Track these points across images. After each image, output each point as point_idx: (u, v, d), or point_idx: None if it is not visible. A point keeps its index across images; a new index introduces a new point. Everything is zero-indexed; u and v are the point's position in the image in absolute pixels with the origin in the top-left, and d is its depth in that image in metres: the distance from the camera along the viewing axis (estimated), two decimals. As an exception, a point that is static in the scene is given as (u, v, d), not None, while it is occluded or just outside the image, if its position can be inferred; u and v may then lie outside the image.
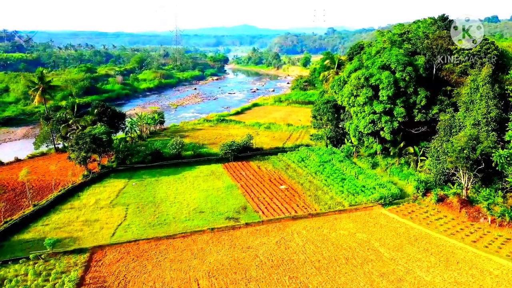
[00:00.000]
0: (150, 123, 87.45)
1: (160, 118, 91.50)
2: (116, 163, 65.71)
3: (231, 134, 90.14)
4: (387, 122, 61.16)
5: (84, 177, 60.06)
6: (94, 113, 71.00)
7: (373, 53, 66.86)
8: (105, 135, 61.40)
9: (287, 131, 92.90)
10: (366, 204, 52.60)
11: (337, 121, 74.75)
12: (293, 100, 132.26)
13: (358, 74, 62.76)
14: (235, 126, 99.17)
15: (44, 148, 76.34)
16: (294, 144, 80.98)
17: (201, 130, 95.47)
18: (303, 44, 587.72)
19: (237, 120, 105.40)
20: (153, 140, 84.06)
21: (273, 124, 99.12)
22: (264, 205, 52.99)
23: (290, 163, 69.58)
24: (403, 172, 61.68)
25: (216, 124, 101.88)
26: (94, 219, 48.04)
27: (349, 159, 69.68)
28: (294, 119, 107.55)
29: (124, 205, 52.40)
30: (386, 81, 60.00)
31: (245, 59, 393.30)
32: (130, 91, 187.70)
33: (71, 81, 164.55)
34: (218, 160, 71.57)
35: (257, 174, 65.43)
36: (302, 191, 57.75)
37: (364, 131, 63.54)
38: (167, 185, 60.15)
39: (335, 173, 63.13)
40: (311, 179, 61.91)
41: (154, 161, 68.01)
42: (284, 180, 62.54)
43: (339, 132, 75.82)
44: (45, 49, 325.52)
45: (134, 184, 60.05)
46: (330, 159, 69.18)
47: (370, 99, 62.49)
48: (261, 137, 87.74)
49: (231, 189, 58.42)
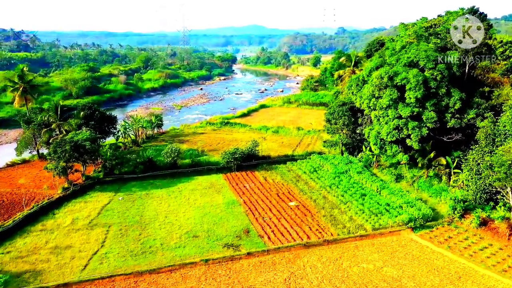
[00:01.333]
0: (147, 126, 79.54)
1: (158, 121, 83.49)
2: (103, 174, 57.82)
3: (235, 139, 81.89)
4: (414, 128, 52.33)
5: (63, 190, 52.25)
6: (80, 116, 63.23)
7: (397, 49, 58.06)
8: (88, 142, 53.48)
9: (297, 136, 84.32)
10: (392, 228, 43.88)
11: (354, 126, 66.02)
12: (303, 101, 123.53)
13: (381, 72, 54.06)
14: (240, 130, 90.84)
15: (27, 155, 68.81)
16: (305, 151, 72.36)
17: (203, 134, 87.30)
18: (313, 44, 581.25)
19: (242, 123, 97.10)
20: (149, 146, 76.13)
21: (282, 128, 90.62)
22: (270, 227, 44.58)
23: (301, 174, 61.07)
24: (434, 187, 52.77)
25: (219, 127, 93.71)
26: (66, 245, 40.06)
27: (369, 170, 60.94)
28: (305, 122, 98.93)
29: (105, 226, 44.36)
30: (414, 81, 51.22)
31: (254, 59, 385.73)
32: (134, 91, 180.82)
33: (71, 81, 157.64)
34: (219, 170, 63.31)
35: (263, 187, 57.03)
36: (315, 210, 49.19)
37: (387, 139, 54.75)
38: (159, 200, 52.02)
39: (353, 187, 54.47)
40: (325, 194, 53.34)
41: (146, 170, 59.99)
42: (294, 195, 54.05)
43: (356, 139, 67.06)
44: (51, 49, 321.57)
45: (120, 199, 52.05)
46: (347, 169, 60.49)
47: (395, 102, 53.74)
48: (269, 142, 79.32)
49: (232, 206, 50.08)
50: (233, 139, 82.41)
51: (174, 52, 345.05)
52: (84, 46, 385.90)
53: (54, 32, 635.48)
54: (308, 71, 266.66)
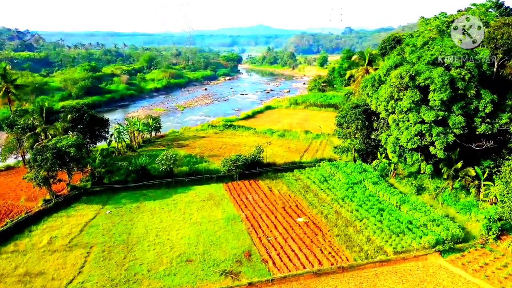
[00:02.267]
0: (143, 130, 73.96)
1: (156, 124, 77.89)
2: (91, 183, 52.32)
3: (238, 143, 76.11)
4: (439, 134, 46.14)
5: (44, 202, 46.77)
6: (67, 119, 57.80)
7: (418, 45, 51.95)
8: (73, 149, 48.00)
9: (304, 140, 78.31)
10: (417, 251, 37.81)
11: (368, 130, 59.96)
12: (311, 102, 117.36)
13: (401, 71, 47.93)
14: (244, 134, 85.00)
15: (12, 161, 63.61)
16: (313, 157, 66.39)
17: (204, 138, 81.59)
18: (319, 44, 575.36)
19: (246, 126, 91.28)
20: (145, 151, 70.57)
21: (288, 131, 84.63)
22: (275, 249, 38.70)
23: (310, 184, 55.09)
24: (461, 202, 46.53)
25: (222, 130, 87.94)
26: (38, 271, 34.49)
27: (385, 180, 54.82)
28: (313, 125, 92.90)
29: (86, 247, 38.75)
30: (439, 81, 45.07)
31: (260, 58, 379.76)
32: (136, 92, 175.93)
33: (71, 81, 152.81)
34: (219, 179, 57.53)
35: (267, 199, 51.13)
36: (327, 227, 43.21)
37: (407, 146, 48.57)
38: (150, 214, 46.32)
39: (368, 200, 48.40)
40: (337, 208, 47.33)
41: (139, 179, 54.43)
42: (302, 209, 48.10)
43: (371, 144, 60.93)
44: (55, 48, 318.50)
45: (108, 213, 46.46)
46: (361, 179, 54.41)
47: (417, 104, 47.59)
48: (274, 147, 73.44)
49: (233, 222, 44.26)
50: (236, 143, 76.64)
51: (179, 52, 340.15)
52: (89, 45, 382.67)
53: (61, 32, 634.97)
54: (315, 71, 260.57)
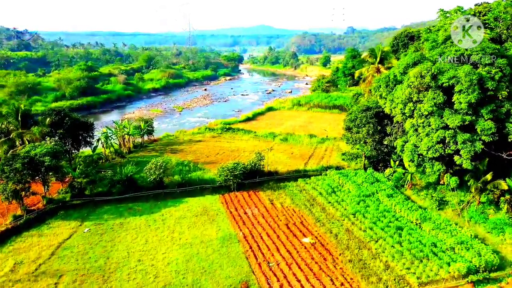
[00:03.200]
0: (134, 133, 68.13)
1: (148, 127, 72.07)
2: (70, 195, 46.52)
3: (237, 149, 70.26)
4: (465, 142, 40.26)
5: (14, 219, 41.00)
6: (45, 123, 52.09)
7: (440, 40, 46.07)
8: (48, 157, 42.25)
9: (309, 145, 72.38)
10: (447, 282, 31.90)
11: (380, 135, 54.09)
12: (314, 104, 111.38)
13: (421, 70, 42.03)
14: (244, 137, 79.10)
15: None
16: (319, 165, 60.49)
17: (201, 142, 75.72)
18: (321, 43, 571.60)
19: (246, 129, 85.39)
20: (136, 157, 64.79)
21: (292, 135, 78.70)
22: (278, 279, 32.80)
23: (316, 196, 49.17)
24: (491, 220, 40.56)
25: (220, 134, 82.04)
26: (-8, 310, 28.82)
27: (401, 192, 48.86)
28: (317, 128, 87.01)
29: (54, 276, 32.93)
30: (466, 80, 39.20)
31: (261, 58, 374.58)
32: (133, 92, 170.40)
33: (65, 81, 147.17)
34: (215, 190, 51.67)
35: (268, 213, 45.26)
36: (337, 250, 37.33)
37: (428, 154, 42.69)
38: (134, 233, 40.51)
39: (384, 216, 42.47)
40: (349, 225, 41.41)
41: (125, 191, 48.62)
42: (308, 227, 42.21)
43: (383, 151, 55.02)
44: (53, 48, 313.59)
45: (86, 231, 40.68)
46: (374, 191, 48.46)
47: (440, 107, 41.73)
48: (276, 152, 67.57)
49: (229, 243, 38.41)
50: (235, 148, 70.79)
51: (180, 51, 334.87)
52: (88, 45, 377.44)
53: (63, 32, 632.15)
54: (317, 71, 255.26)
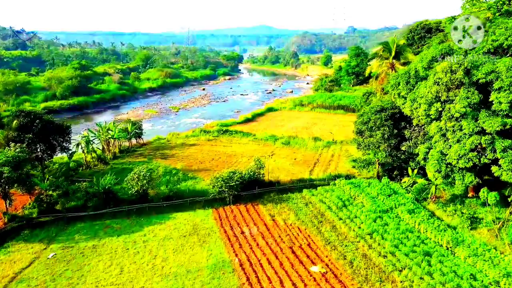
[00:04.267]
0: (120, 137, 61.31)
1: (136, 130, 65.26)
2: (38, 211, 39.77)
3: (235, 153, 63.52)
4: (506, 150, 33.50)
5: (-36, 242, 34.30)
6: (12, 125, 45.33)
7: (471, 29, 39.31)
8: (7, 167, 35.53)
9: (313, 150, 65.59)
10: (496, 332, 25.14)
11: (396, 140, 47.37)
12: (318, 104, 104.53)
13: (451, 63, 35.25)
14: (242, 141, 72.27)
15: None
16: (326, 172, 53.72)
17: (195, 146, 68.93)
18: (322, 43, 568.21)
19: (245, 131, 78.61)
20: (121, 164, 58.01)
21: (294, 138, 71.84)
22: (281, 324, 26.05)
23: (324, 210, 42.41)
24: (538, 243, 33.81)
25: (216, 137, 75.21)
26: None
27: (423, 206, 42.07)
28: (322, 130, 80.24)
29: (0, 321, 26.28)
30: (507, 76, 32.43)
31: (261, 58, 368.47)
32: (128, 92, 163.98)
33: (56, 80, 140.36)
34: (208, 203, 44.85)
35: (269, 233, 38.46)
36: (353, 283, 30.48)
37: (459, 164, 35.93)
38: (109, 259, 33.71)
39: (407, 237, 35.68)
40: (365, 249, 34.62)
41: (103, 205, 41.84)
42: (317, 250, 35.41)
43: (399, 158, 48.27)
44: (49, 47, 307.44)
45: (51, 257, 33.89)
46: (392, 205, 41.66)
47: (475, 108, 34.96)
48: (278, 158, 60.84)
49: (221, 275, 31.57)
50: (232, 153, 64.02)
51: (179, 51, 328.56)
52: (85, 44, 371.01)
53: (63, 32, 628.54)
54: (319, 70, 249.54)
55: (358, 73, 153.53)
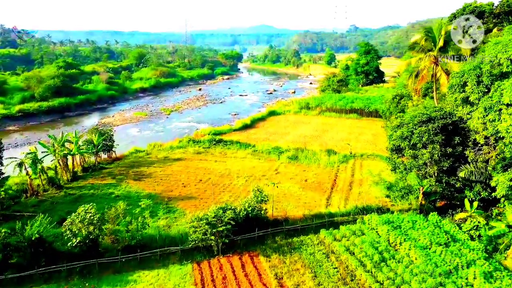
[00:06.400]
0: (82, 152, 47.87)
1: (104, 142, 51.86)
2: None
3: (229, 172, 50.15)
4: None
5: None
6: None
7: None
8: None
9: (328, 167, 52.18)
10: None
11: (450, 160, 34.11)
12: (327, 107, 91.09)
13: None
14: (239, 154, 58.75)
15: None
16: (348, 201, 40.22)
17: (180, 161, 55.44)
18: (323, 42, 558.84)
19: (242, 141, 65.17)
20: (79, 188, 44.56)
21: (303, 150, 58.45)
22: None
23: (355, 268, 29.09)
24: None
25: (207, 148, 61.72)
26: None
27: (500, 263, 28.76)
28: (335, 139, 66.95)
29: None
30: None
31: (261, 57, 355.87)
32: (117, 92, 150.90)
33: (36, 80, 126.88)
34: (187, 254, 31.45)
35: (276, 311, 25.17)
36: None
37: None
38: None
39: (494, 328, 22.47)
40: None
41: (31, 263, 28.53)
42: None
43: (452, 185, 35.01)
44: (40, 44, 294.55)
45: None
46: (456, 265, 28.30)
47: None
48: (283, 178, 47.49)
49: None
50: (225, 171, 50.62)
51: (176, 49, 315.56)
52: (78, 42, 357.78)
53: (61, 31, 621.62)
54: (321, 69, 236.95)
55: (368, 72, 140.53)
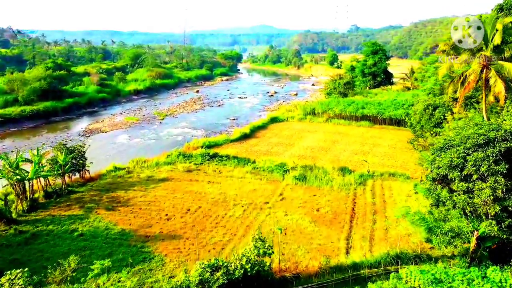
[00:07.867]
0: (40, 176, 38.72)
1: (74, 161, 42.82)
2: None
3: (224, 198, 41.15)
4: None
5: None
6: None
7: None
8: None
9: (343, 190, 43.08)
10: None
11: None
12: (335, 113, 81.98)
13: None
14: (235, 173, 49.41)
15: None
16: (374, 242, 31.22)
17: (165, 182, 46.33)
18: (324, 42, 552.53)
19: (241, 155, 56.02)
20: (37, 221, 35.71)
21: (311, 168, 49.38)
22: None
23: None
24: None
25: (200, 164, 52.64)
26: None
27: None
28: (348, 152, 58.02)
29: None
30: None
31: (261, 57, 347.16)
32: (110, 95, 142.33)
33: (20, 82, 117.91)
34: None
35: None
36: None
37: None
38: None
39: None
40: None
41: None
42: None
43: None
44: (34, 45, 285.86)
45: None
46: None
47: None
48: (290, 207, 38.53)
49: None
50: (219, 197, 41.59)
51: (174, 49, 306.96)
52: (74, 42, 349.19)
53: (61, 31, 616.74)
54: (324, 70, 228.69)
55: (376, 73, 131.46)
